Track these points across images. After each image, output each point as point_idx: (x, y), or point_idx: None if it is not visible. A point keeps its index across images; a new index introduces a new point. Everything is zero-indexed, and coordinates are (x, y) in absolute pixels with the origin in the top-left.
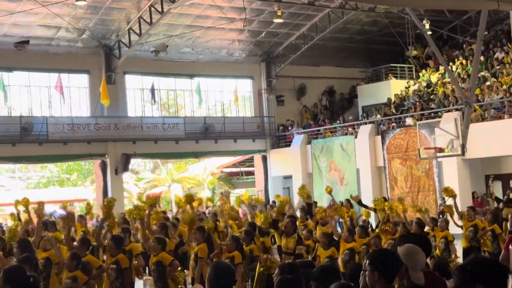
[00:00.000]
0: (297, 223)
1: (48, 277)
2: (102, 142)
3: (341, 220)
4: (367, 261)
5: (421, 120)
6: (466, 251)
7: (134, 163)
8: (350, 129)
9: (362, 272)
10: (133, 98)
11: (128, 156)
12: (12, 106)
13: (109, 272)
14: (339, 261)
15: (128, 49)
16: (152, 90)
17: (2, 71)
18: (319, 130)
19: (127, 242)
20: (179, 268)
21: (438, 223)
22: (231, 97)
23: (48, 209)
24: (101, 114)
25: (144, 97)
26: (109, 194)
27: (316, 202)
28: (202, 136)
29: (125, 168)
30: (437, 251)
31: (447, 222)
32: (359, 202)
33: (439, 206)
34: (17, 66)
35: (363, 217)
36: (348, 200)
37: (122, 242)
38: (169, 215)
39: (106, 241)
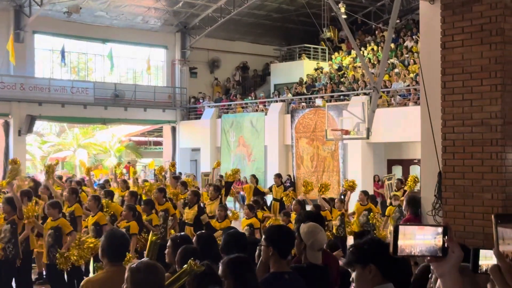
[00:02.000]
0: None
1: None
2: (6, 102)
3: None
4: (263, 236)
5: (330, 101)
6: (357, 235)
7: (40, 125)
8: (261, 106)
9: (258, 246)
10: (41, 59)
11: (33, 118)
12: None
13: None
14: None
15: (39, 7)
16: (63, 52)
17: None
18: (230, 105)
19: None
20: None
21: (335, 204)
22: (144, 65)
23: None
24: (7, 73)
25: (53, 58)
26: (11, 156)
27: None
28: (112, 102)
29: (29, 130)
30: (334, 229)
31: (342, 201)
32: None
33: (341, 187)
34: None
35: None
36: (253, 176)
37: None
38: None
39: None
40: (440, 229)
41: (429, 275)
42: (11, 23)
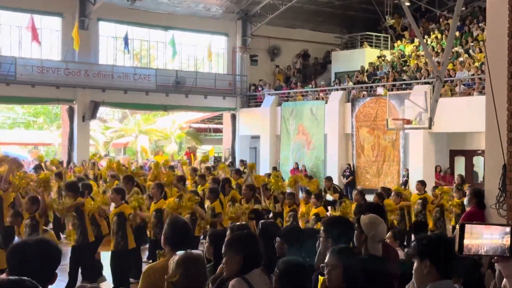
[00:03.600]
0: None
1: None
2: (71, 88)
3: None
4: (322, 228)
5: (392, 90)
6: (416, 227)
7: (103, 111)
8: (321, 94)
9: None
10: (105, 46)
11: (96, 104)
12: None
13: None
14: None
15: None
16: (126, 39)
17: None
18: (290, 92)
19: None
20: None
21: (392, 197)
22: (205, 52)
23: (13, 150)
24: (72, 59)
25: (117, 45)
26: (75, 141)
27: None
28: (173, 89)
29: (93, 115)
30: (395, 221)
31: (399, 195)
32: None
33: (402, 177)
34: None
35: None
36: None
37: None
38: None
39: None
40: (508, 229)
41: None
42: (76, 10)
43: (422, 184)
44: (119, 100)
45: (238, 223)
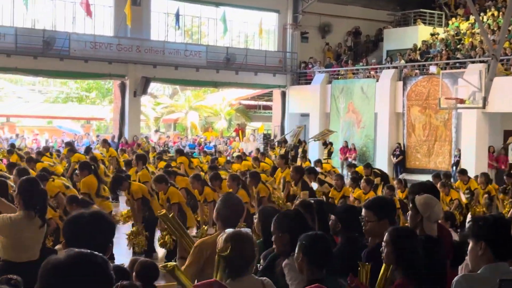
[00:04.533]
0: None
1: None
2: (123, 63)
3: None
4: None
5: (445, 69)
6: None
7: (153, 87)
8: (372, 72)
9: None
10: (157, 22)
11: (147, 80)
12: (36, 19)
13: None
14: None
15: None
16: (177, 16)
17: None
18: (340, 70)
19: None
20: None
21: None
22: (256, 29)
23: (66, 124)
24: (124, 35)
25: (168, 21)
26: (126, 116)
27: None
28: (223, 66)
29: (144, 91)
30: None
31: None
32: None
33: (453, 157)
34: None
35: None
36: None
37: None
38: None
39: None
40: None
41: None
42: None
43: (485, 177)
44: (169, 76)
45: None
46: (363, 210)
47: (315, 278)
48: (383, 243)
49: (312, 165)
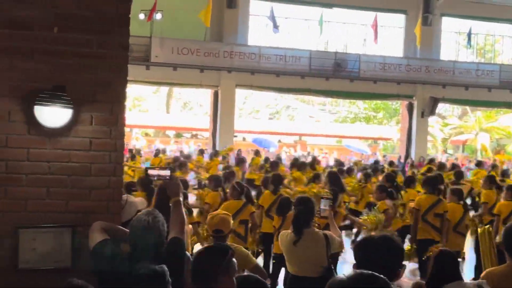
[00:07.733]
0: None
1: None
2: (411, 84)
3: None
4: None
5: None
6: None
7: (442, 107)
8: None
9: None
10: (447, 41)
11: (436, 100)
12: (328, 42)
13: None
14: None
15: None
16: (469, 34)
17: (323, 7)
18: None
19: None
20: None
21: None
22: None
23: (354, 144)
24: (413, 55)
25: (459, 41)
26: (413, 136)
27: None
28: None
29: (432, 112)
30: None
31: None
32: None
33: None
34: (336, 2)
35: None
36: None
37: None
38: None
39: None
40: None
41: None
42: (420, 7)
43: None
44: (459, 97)
45: None
46: None
47: None
48: None
49: None
